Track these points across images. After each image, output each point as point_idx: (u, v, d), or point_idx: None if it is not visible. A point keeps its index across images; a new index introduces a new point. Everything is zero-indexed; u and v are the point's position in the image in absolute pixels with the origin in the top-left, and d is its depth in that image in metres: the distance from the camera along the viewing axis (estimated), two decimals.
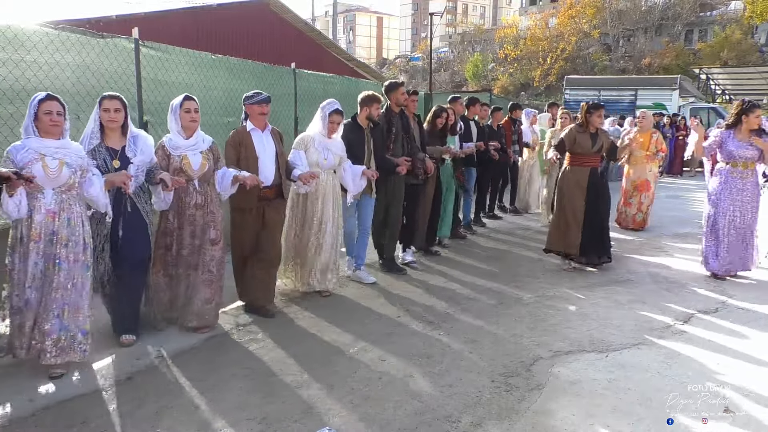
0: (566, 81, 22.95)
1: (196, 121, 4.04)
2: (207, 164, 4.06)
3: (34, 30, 4.77)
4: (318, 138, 4.84)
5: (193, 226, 4.06)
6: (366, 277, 5.44)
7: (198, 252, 4.08)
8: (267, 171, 4.40)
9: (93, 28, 6.82)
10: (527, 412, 3.07)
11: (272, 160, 4.43)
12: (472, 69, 42.25)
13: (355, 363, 3.69)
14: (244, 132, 4.41)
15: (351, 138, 5.13)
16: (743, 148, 5.42)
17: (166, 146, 4.02)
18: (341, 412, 3.06)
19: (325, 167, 4.87)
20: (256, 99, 4.37)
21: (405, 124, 5.70)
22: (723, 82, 26.95)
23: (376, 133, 5.38)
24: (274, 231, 4.54)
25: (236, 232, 4.49)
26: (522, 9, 54.04)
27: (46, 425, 2.93)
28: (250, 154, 4.34)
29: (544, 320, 4.48)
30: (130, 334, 3.90)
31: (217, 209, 4.16)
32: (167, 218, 4.07)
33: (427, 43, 32.48)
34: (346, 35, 73.05)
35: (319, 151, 4.81)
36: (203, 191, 4.08)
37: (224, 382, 3.40)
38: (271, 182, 4.42)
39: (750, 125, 5.38)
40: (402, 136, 5.63)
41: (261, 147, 4.40)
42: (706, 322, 4.48)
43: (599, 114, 5.78)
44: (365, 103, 5.24)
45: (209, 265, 4.10)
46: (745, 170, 5.48)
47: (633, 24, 38.46)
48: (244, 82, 6.97)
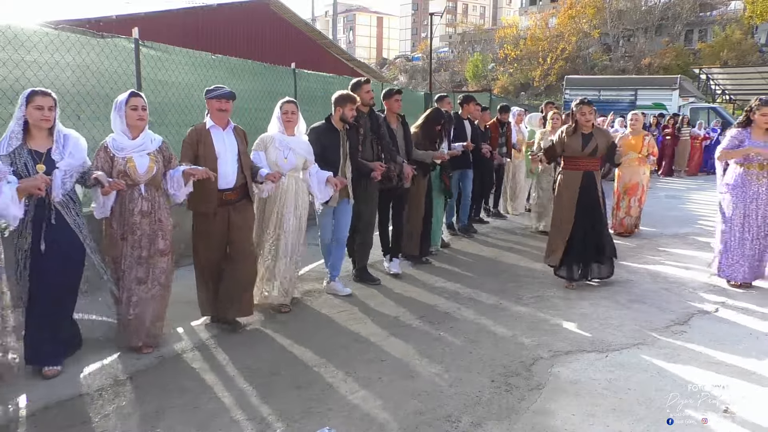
0: (566, 81, 22.97)
1: (143, 120, 3.69)
2: (155, 167, 3.71)
3: (34, 30, 4.78)
4: (278, 136, 4.54)
5: (137, 236, 3.69)
6: (341, 288, 5.10)
7: (146, 264, 3.73)
8: (227, 171, 4.09)
9: (93, 28, 6.83)
10: (527, 412, 3.07)
11: (234, 159, 4.13)
12: (472, 69, 42.25)
13: (354, 363, 3.69)
14: (202, 129, 4.11)
15: (324, 141, 4.85)
16: (760, 147, 5.11)
17: (110, 147, 3.64)
18: (341, 412, 3.06)
19: (286, 168, 4.51)
20: (215, 93, 4.08)
21: (374, 124, 5.34)
22: (723, 82, 26.97)
23: (353, 135, 5.08)
24: (242, 237, 4.21)
25: (199, 239, 4.17)
26: (522, 9, 54.04)
27: (46, 425, 2.93)
28: (208, 153, 4.04)
29: (544, 320, 4.48)
30: (52, 366, 3.44)
31: (166, 217, 3.83)
32: (111, 226, 3.71)
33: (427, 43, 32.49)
34: (346, 35, 73.05)
35: (279, 150, 4.48)
36: (150, 197, 3.73)
37: (224, 382, 3.40)
38: (234, 183, 4.13)
39: (760, 123, 5.13)
40: (371, 137, 5.28)
41: (221, 145, 4.10)
42: (706, 322, 4.48)
43: (584, 111, 5.22)
44: (338, 103, 4.93)
45: (160, 278, 3.79)
46: (761, 171, 5.16)
47: (633, 24, 38.45)
48: (244, 82, 6.99)
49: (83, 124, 4.88)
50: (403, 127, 5.73)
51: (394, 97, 5.66)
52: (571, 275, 5.30)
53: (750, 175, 5.18)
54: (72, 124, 4.75)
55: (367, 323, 4.41)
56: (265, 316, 4.52)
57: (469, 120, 7.42)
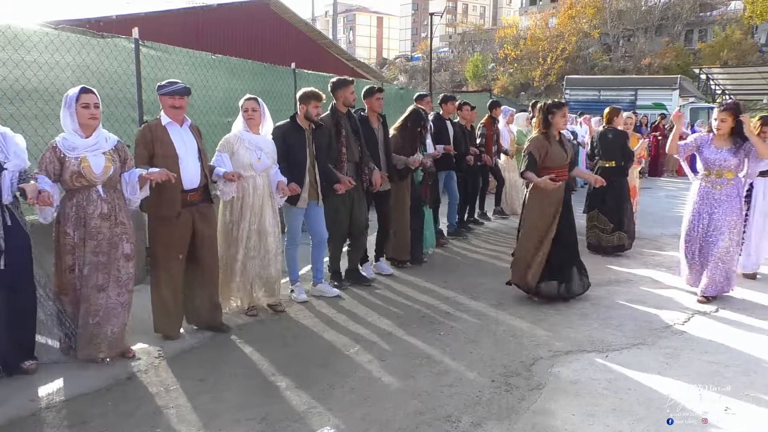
0: (566, 81, 22.99)
1: (96, 118, 3.46)
2: (112, 167, 3.49)
3: (34, 30, 4.77)
4: (247, 136, 4.31)
5: (98, 241, 3.47)
6: (328, 290, 4.97)
7: (107, 270, 3.51)
8: (191, 171, 3.86)
9: (93, 28, 6.83)
10: (527, 412, 3.07)
11: (195, 157, 3.90)
12: (472, 69, 42.24)
13: (355, 363, 3.69)
14: (158, 127, 3.83)
15: (289, 140, 4.62)
16: (717, 153, 4.87)
17: (59, 147, 3.40)
18: (341, 412, 3.06)
19: (260, 169, 4.33)
20: (169, 90, 3.79)
21: (354, 125, 5.14)
22: (723, 82, 26.97)
23: (319, 136, 4.82)
24: (207, 239, 4.03)
25: (161, 245, 3.90)
26: (522, 9, 54.04)
27: (46, 425, 2.93)
28: (168, 152, 3.78)
29: (544, 320, 4.48)
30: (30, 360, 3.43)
31: (128, 220, 3.63)
32: (65, 233, 3.46)
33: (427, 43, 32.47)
34: (346, 35, 73.05)
35: (251, 150, 4.28)
36: (109, 199, 3.51)
37: (224, 382, 3.40)
38: (198, 183, 3.92)
39: (716, 128, 4.87)
40: (353, 139, 5.10)
41: (181, 143, 3.85)
42: (706, 322, 4.48)
43: (563, 113, 4.81)
44: (302, 101, 4.68)
45: (127, 285, 3.60)
46: (720, 179, 4.87)
47: (633, 24, 38.45)
48: (244, 82, 6.98)
49: None
50: (383, 128, 5.52)
51: (375, 96, 5.41)
52: (553, 292, 4.86)
53: (708, 181, 4.93)
54: None
55: (367, 324, 4.41)
56: (265, 316, 4.52)
57: (451, 120, 7.15)
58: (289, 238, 4.92)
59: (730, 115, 4.83)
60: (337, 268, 5.33)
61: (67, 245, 3.47)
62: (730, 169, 4.87)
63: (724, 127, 4.85)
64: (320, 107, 4.71)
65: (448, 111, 7.09)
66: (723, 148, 4.88)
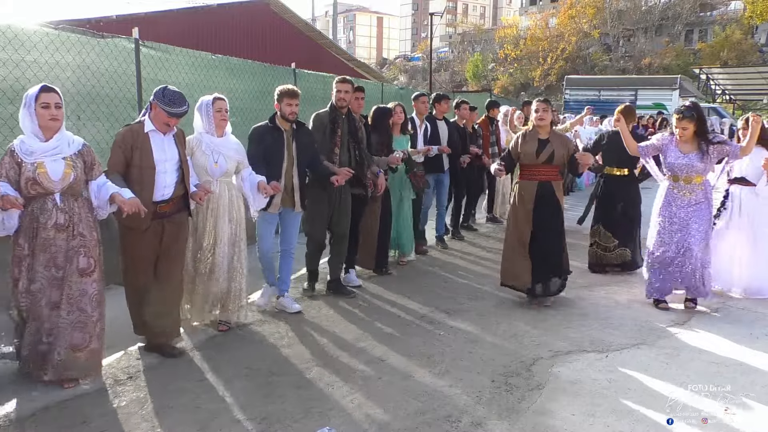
0: (566, 81, 23.01)
1: (57, 120, 3.15)
2: (72, 174, 3.17)
3: (34, 30, 4.78)
4: (206, 139, 4.01)
5: (51, 254, 3.15)
6: (289, 304, 4.60)
7: (60, 286, 3.19)
8: (166, 184, 3.62)
9: (93, 28, 6.84)
10: (527, 412, 3.07)
11: (174, 169, 3.65)
12: (472, 69, 42.27)
13: (355, 363, 3.69)
14: (139, 132, 3.56)
15: (266, 141, 4.39)
16: (683, 158, 4.58)
17: (17, 151, 3.12)
18: (341, 412, 3.06)
19: (217, 174, 4.03)
20: (171, 111, 3.50)
21: (352, 126, 4.94)
22: (723, 82, 26.99)
23: (302, 136, 4.55)
24: (173, 253, 3.75)
25: (128, 257, 3.67)
26: (522, 9, 54.04)
27: (46, 425, 2.92)
28: (145, 163, 3.53)
29: (544, 320, 4.48)
30: None
31: (90, 231, 3.28)
32: (18, 243, 3.18)
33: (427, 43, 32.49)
34: (346, 35, 73.02)
35: (207, 155, 3.98)
36: (67, 208, 3.19)
37: (224, 382, 3.40)
38: (171, 195, 3.65)
39: (678, 135, 4.60)
40: (348, 140, 4.89)
41: (161, 154, 3.59)
42: (706, 322, 4.48)
43: (536, 108, 4.70)
44: (277, 99, 4.46)
45: (79, 302, 3.22)
46: (689, 185, 4.60)
47: (633, 24, 38.47)
48: (244, 82, 6.98)
49: (83, 125, 4.89)
50: (364, 129, 5.27)
51: (354, 95, 5.13)
52: (534, 293, 4.80)
53: (676, 187, 4.66)
54: (72, 125, 4.76)
55: (367, 324, 4.41)
56: (264, 317, 4.52)
57: (445, 120, 6.80)
58: (258, 244, 4.64)
59: (690, 122, 4.54)
60: (313, 268, 5.09)
61: (16, 257, 3.19)
62: (699, 174, 4.60)
63: (686, 134, 4.57)
64: (295, 105, 4.42)
65: (442, 111, 6.77)
66: (689, 152, 4.58)
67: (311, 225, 4.92)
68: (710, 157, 4.57)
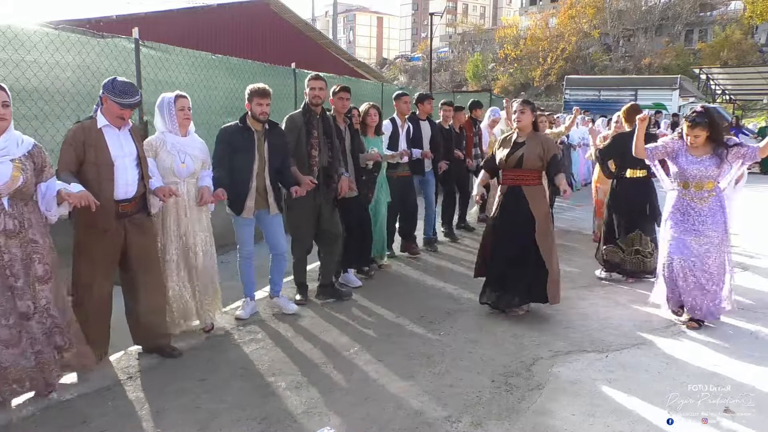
0: (566, 81, 23.02)
1: (6, 119, 2.96)
2: (21, 177, 2.97)
3: (34, 30, 4.78)
4: (171, 138, 3.86)
5: (6, 261, 2.96)
6: (285, 305, 4.58)
7: (22, 296, 3.01)
8: (127, 180, 3.43)
9: (93, 28, 6.84)
10: (527, 412, 3.07)
11: (133, 164, 3.47)
12: (472, 69, 42.30)
13: (354, 363, 3.69)
14: (92, 128, 3.36)
15: (234, 143, 4.21)
16: (696, 163, 4.23)
17: None
18: (341, 412, 3.06)
19: (184, 174, 3.88)
20: (122, 102, 3.31)
21: (328, 128, 4.73)
22: (723, 82, 26.95)
23: (274, 137, 4.36)
24: (144, 252, 3.58)
25: (84, 261, 3.40)
26: (522, 9, 54.07)
27: (46, 425, 2.93)
28: (102, 159, 3.33)
29: (544, 320, 4.48)
30: None
31: (43, 237, 3.11)
32: None
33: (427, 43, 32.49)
34: (346, 35, 73.02)
35: (173, 155, 3.83)
36: (17, 213, 3.00)
37: (224, 382, 3.40)
38: (134, 193, 3.49)
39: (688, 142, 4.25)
40: (324, 140, 4.69)
41: (118, 149, 3.40)
42: (706, 322, 4.47)
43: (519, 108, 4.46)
44: (247, 99, 4.28)
45: (49, 310, 3.12)
46: (700, 192, 4.23)
47: (633, 24, 38.49)
48: (244, 82, 6.96)
49: None
50: (350, 129, 5.15)
51: (339, 95, 4.98)
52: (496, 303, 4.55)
53: (687, 195, 4.29)
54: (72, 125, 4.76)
55: (367, 324, 4.41)
56: (265, 317, 4.52)
57: (429, 121, 6.53)
58: (239, 250, 4.50)
59: (704, 129, 4.16)
60: (301, 280, 4.92)
61: None
62: (711, 180, 4.24)
63: (698, 141, 4.20)
64: (266, 105, 4.25)
65: (425, 111, 6.47)
66: (702, 156, 4.23)
67: (297, 228, 4.75)
68: (728, 164, 4.24)
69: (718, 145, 4.21)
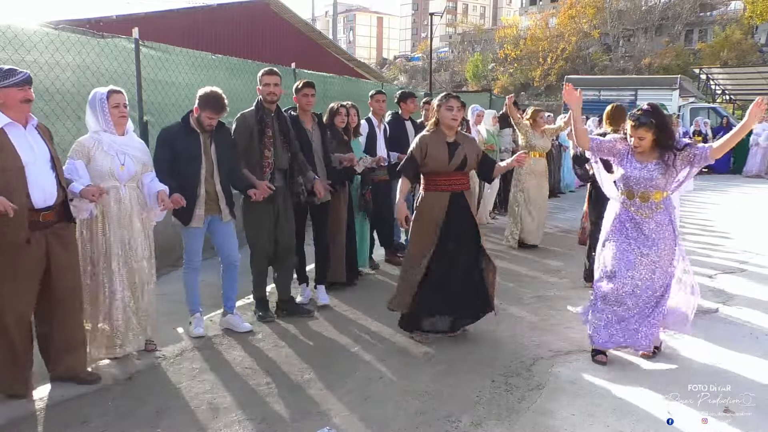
0: (566, 81, 22.99)
1: None
2: None
3: (34, 30, 4.79)
4: (107, 138, 3.48)
5: None
6: (238, 323, 4.18)
7: None
8: (44, 185, 3.02)
9: (93, 28, 6.85)
10: (527, 412, 3.07)
11: (48, 167, 3.06)
12: (472, 69, 42.26)
13: (355, 363, 3.69)
14: None
15: (178, 146, 3.87)
16: (642, 170, 3.63)
17: None
18: (341, 412, 3.06)
19: (124, 178, 3.52)
20: (12, 81, 2.89)
21: (284, 126, 4.35)
22: (723, 82, 26.96)
23: (221, 137, 4.03)
24: (65, 268, 3.18)
25: (3, 279, 2.96)
26: (522, 9, 54.05)
27: (46, 425, 2.93)
28: (9, 163, 2.89)
29: (544, 320, 4.48)
30: None
31: None
32: None
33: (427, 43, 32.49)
34: (346, 35, 73.02)
35: (111, 155, 3.46)
36: None
37: (224, 382, 3.40)
38: (54, 200, 3.08)
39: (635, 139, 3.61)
40: (280, 140, 4.31)
41: (27, 150, 2.98)
42: (706, 322, 4.47)
43: (451, 106, 3.98)
44: (198, 103, 3.92)
45: None
46: (647, 203, 3.64)
47: (633, 24, 38.46)
48: (244, 82, 6.99)
49: (84, 125, 4.87)
50: (319, 128, 4.82)
51: (303, 92, 4.65)
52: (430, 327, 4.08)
53: (632, 206, 3.70)
54: (72, 125, 4.77)
55: (367, 324, 4.42)
56: (265, 317, 4.52)
57: (412, 120, 6.25)
58: (186, 262, 4.10)
59: (648, 130, 3.56)
60: (260, 296, 4.53)
61: None
62: (659, 190, 3.64)
63: (643, 144, 3.61)
64: (215, 119, 3.90)
65: (408, 110, 6.17)
66: (648, 162, 3.63)
67: (254, 233, 4.35)
68: (675, 171, 3.63)
69: (665, 149, 3.61)
